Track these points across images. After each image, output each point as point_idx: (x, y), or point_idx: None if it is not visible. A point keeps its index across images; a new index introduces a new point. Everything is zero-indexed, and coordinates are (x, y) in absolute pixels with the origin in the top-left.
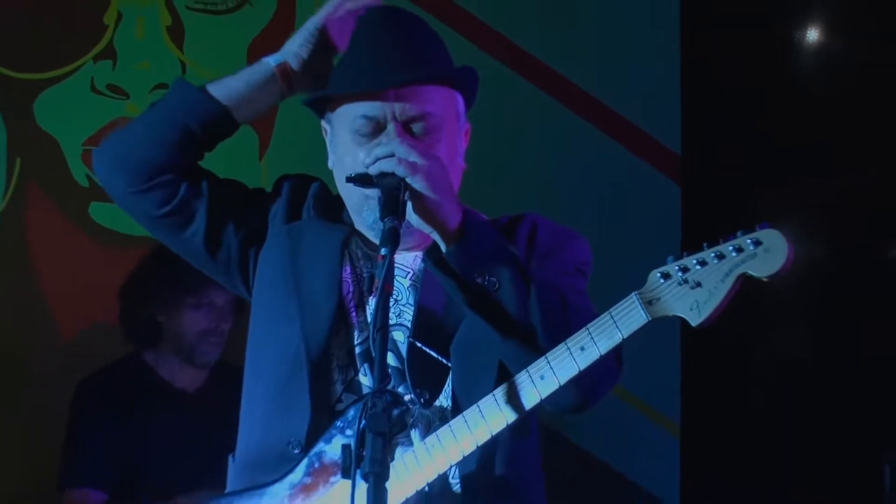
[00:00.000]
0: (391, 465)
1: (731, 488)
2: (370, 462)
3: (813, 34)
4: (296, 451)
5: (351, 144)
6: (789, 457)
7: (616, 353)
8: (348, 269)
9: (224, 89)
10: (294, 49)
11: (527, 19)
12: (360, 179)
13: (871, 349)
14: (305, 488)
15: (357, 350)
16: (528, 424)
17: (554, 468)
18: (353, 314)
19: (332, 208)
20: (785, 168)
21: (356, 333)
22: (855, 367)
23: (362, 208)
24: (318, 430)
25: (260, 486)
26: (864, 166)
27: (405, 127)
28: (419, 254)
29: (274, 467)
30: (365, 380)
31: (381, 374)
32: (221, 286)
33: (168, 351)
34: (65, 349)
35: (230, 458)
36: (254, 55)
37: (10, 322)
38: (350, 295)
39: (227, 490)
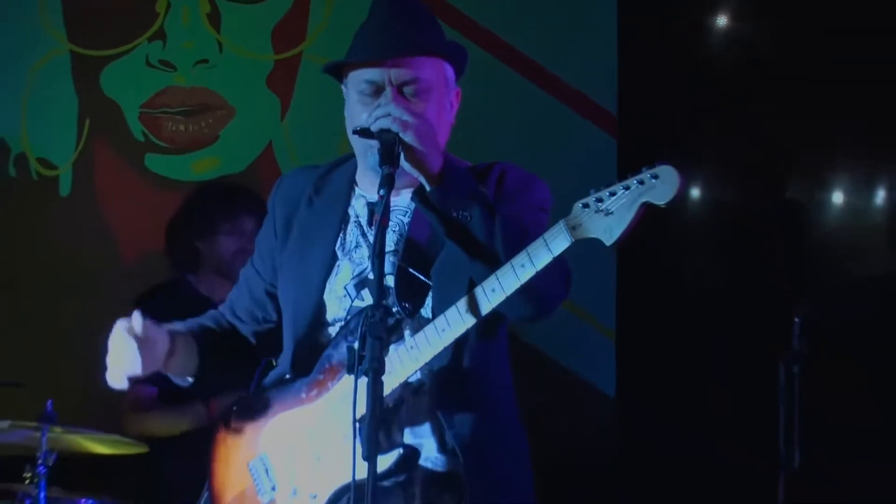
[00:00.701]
0: (390, 354)
1: (659, 380)
2: (369, 360)
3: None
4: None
5: (358, 104)
6: (705, 355)
7: (562, 277)
8: (352, 217)
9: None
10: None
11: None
12: (363, 132)
13: (768, 273)
14: (318, 384)
15: (353, 282)
16: (495, 329)
17: (513, 362)
18: (353, 252)
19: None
20: (704, 123)
21: (352, 269)
22: (756, 284)
23: (366, 154)
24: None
25: (282, 383)
26: (769, 123)
27: (399, 89)
28: (410, 192)
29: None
30: (361, 304)
31: (379, 290)
32: (249, 214)
33: (208, 272)
34: (126, 271)
35: (271, 360)
36: (277, 37)
37: (82, 248)
38: (349, 236)
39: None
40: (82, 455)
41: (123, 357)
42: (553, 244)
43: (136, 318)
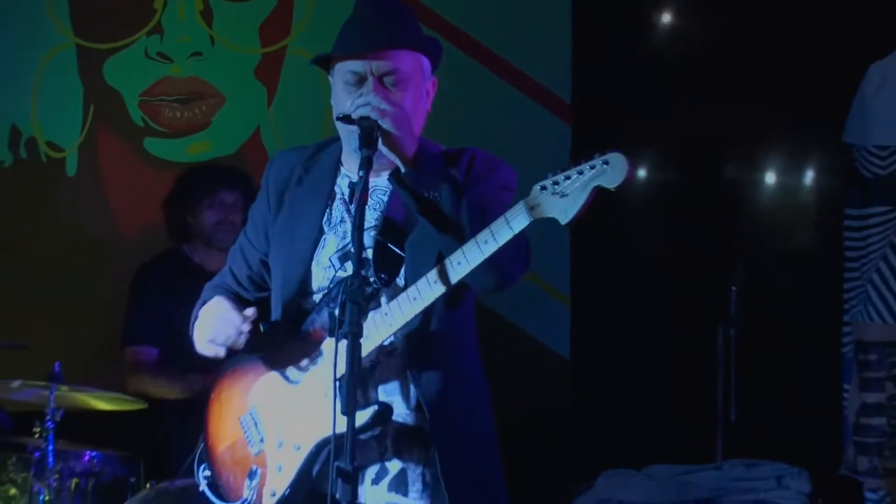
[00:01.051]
0: (364, 323)
1: (609, 343)
2: (348, 324)
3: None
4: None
5: (343, 93)
6: (651, 321)
7: (523, 251)
8: (338, 195)
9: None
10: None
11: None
12: (345, 119)
13: (707, 246)
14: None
15: (338, 254)
16: (461, 298)
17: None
18: (338, 227)
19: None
20: (650, 110)
21: (337, 242)
22: (696, 257)
23: (350, 138)
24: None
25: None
26: (708, 110)
27: (380, 79)
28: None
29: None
30: (344, 274)
31: (359, 261)
32: (230, 188)
33: (198, 243)
34: (125, 243)
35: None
36: (263, 32)
37: (86, 223)
38: (334, 212)
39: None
40: (87, 411)
41: (227, 331)
42: (513, 222)
43: (251, 311)
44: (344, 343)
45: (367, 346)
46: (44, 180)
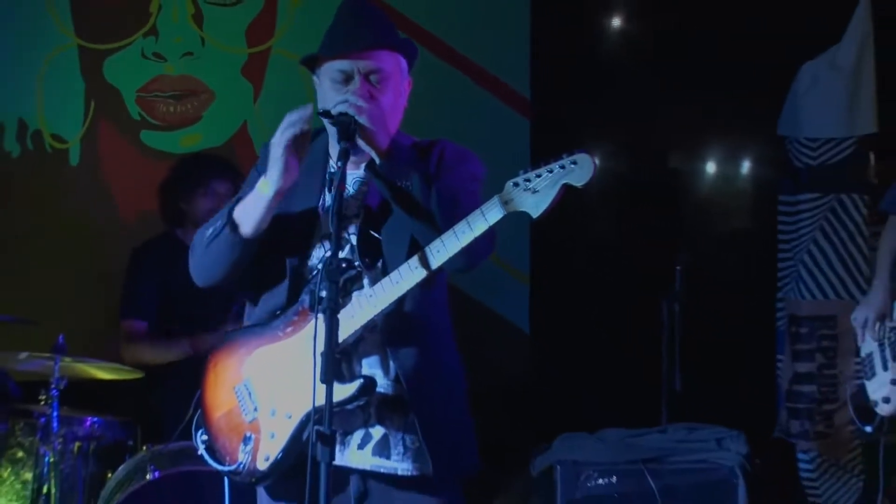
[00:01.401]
0: (350, 303)
1: (566, 318)
2: (326, 300)
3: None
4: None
5: (331, 90)
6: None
7: (490, 237)
8: (327, 182)
9: (244, 216)
10: (276, 178)
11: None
12: (326, 114)
13: (655, 229)
14: (293, 323)
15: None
16: (435, 281)
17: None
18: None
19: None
20: (603, 106)
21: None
22: (645, 238)
23: (333, 132)
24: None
25: (264, 322)
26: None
27: (366, 77)
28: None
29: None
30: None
31: (336, 244)
32: (222, 178)
33: (190, 227)
34: (124, 227)
35: (248, 304)
36: (250, 34)
37: (88, 209)
38: (327, 199)
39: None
40: (88, 380)
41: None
42: (489, 215)
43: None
44: (322, 318)
45: (354, 324)
46: (49, 170)
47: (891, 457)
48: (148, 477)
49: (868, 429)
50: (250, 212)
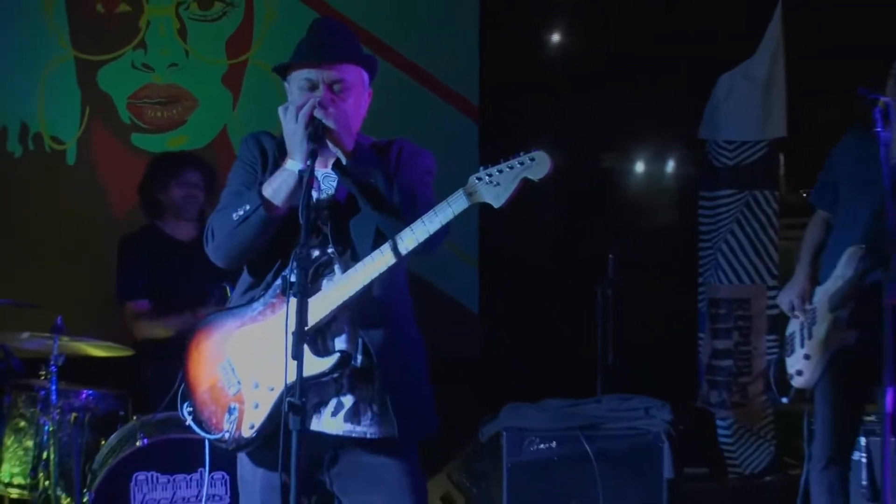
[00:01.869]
0: (324, 287)
1: (511, 301)
2: (296, 285)
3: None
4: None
5: (298, 97)
6: (545, 282)
7: (446, 226)
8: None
9: (275, 193)
10: (302, 157)
11: (367, 8)
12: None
13: (590, 222)
14: (270, 305)
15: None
16: (398, 266)
17: None
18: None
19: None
20: (544, 110)
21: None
22: (582, 230)
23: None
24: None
25: (245, 304)
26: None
27: (329, 87)
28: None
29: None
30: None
31: (305, 234)
32: (192, 169)
33: (169, 216)
34: (116, 220)
35: (227, 286)
36: (229, 47)
37: (83, 204)
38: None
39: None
40: (83, 357)
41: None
42: (454, 205)
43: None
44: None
45: (329, 305)
46: (48, 168)
47: (795, 422)
48: (138, 444)
49: (784, 399)
50: (281, 189)
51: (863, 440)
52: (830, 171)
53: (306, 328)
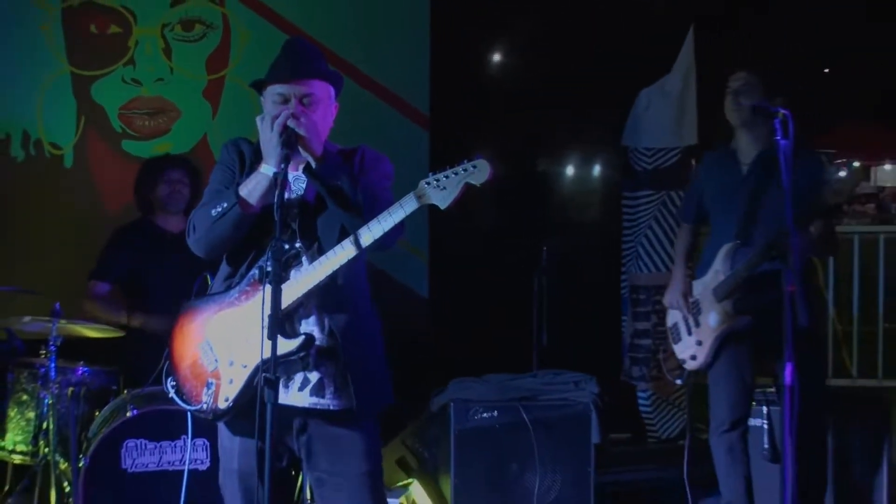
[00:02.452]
0: (293, 276)
1: (458, 288)
2: (271, 274)
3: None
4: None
5: (272, 109)
6: (488, 272)
7: (401, 224)
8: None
9: (251, 193)
10: (276, 161)
11: (323, 22)
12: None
13: (528, 219)
14: (246, 292)
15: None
16: (358, 258)
17: None
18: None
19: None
20: (487, 120)
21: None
22: (521, 226)
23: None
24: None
25: (223, 291)
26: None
27: (300, 100)
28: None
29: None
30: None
31: (280, 230)
32: (177, 167)
33: (159, 211)
34: (108, 217)
35: (208, 274)
36: (209, 64)
37: (80, 203)
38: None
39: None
40: (79, 338)
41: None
42: (406, 206)
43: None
44: (269, 288)
45: (297, 292)
46: (48, 171)
47: (704, 393)
48: (128, 414)
49: (679, 381)
50: (256, 189)
51: (765, 409)
52: (695, 189)
53: (277, 312)
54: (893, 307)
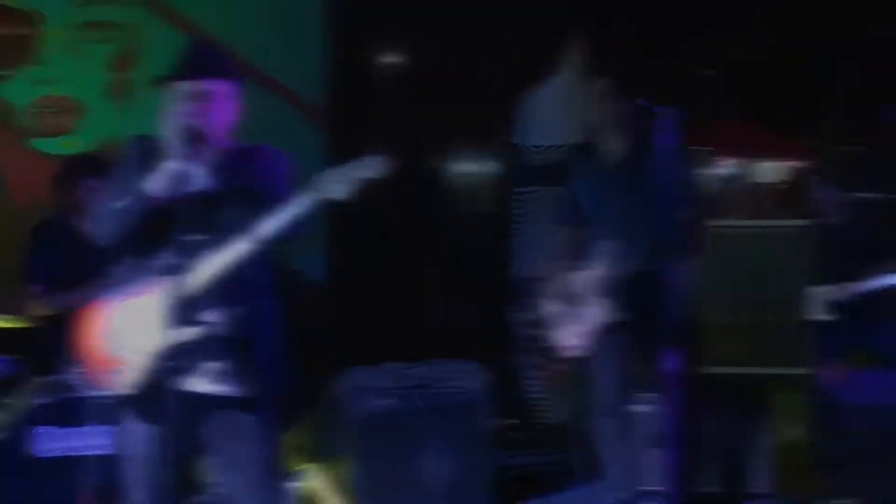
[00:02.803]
0: (196, 267)
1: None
2: (174, 266)
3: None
4: None
5: (174, 105)
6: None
7: (303, 221)
8: None
9: (153, 188)
10: (177, 158)
11: (229, 28)
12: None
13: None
14: (149, 283)
15: None
16: (259, 251)
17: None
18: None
19: None
20: (384, 117)
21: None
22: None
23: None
24: None
25: (128, 281)
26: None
27: (202, 97)
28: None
29: None
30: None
31: (183, 221)
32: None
33: (74, 211)
34: (19, 212)
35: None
36: (115, 63)
37: None
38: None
39: None
40: None
41: None
42: (303, 201)
43: None
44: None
45: (199, 283)
46: None
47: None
48: (35, 402)
49: (564, 368)
50: (158, 184)
51: (647, 395)
52: (569, 192)
53: (180, 302)
54: (770, 299)
